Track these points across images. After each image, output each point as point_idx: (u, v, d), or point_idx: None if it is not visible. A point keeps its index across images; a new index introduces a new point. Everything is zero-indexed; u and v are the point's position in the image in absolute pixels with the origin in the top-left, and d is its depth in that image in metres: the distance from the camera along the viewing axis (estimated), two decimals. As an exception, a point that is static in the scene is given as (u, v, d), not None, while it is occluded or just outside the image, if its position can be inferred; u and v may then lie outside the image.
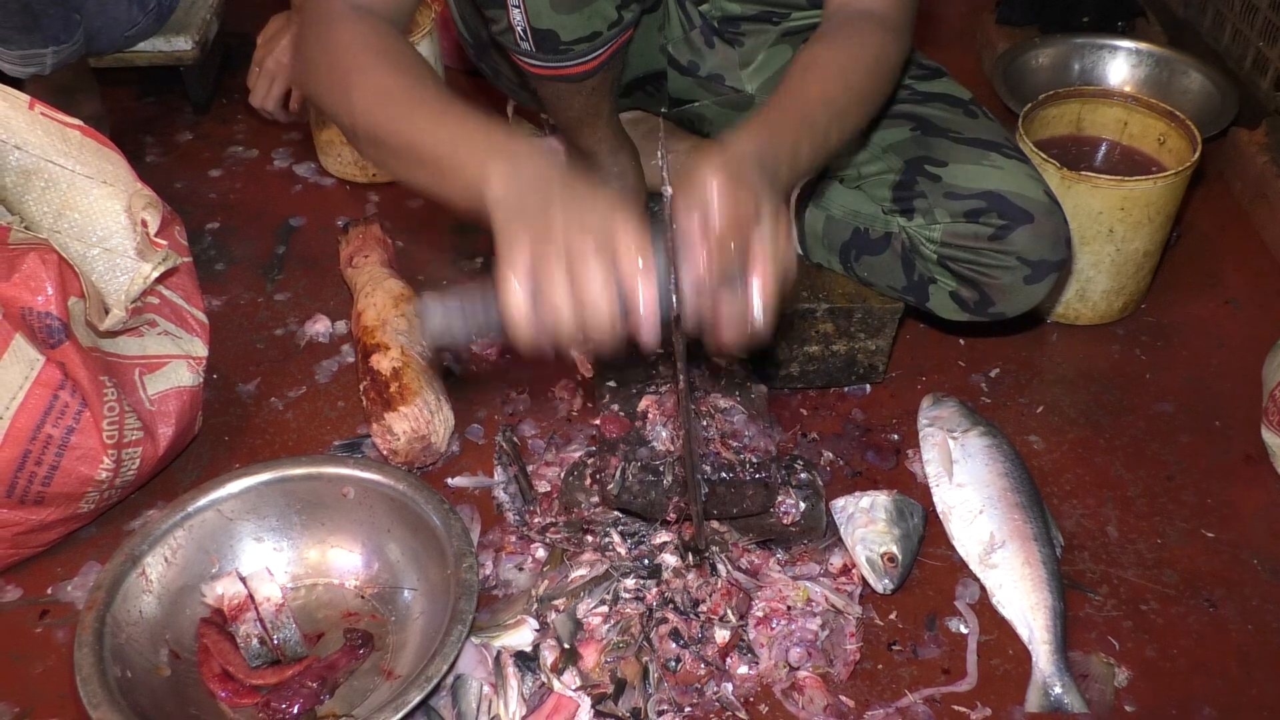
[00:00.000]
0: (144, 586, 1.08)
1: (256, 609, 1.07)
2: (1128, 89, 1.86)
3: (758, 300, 0.82)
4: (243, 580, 1.11)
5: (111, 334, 1.19)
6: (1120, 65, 1.91)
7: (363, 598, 1.15)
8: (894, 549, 1.15)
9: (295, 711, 1.04)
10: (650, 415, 1.17)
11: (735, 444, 1.14)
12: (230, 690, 1.05)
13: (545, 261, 0.79)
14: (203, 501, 1.15)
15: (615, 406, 1.19)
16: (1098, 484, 1.30)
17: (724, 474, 1.12)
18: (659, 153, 0.80)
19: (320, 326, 1.51)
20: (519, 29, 1.16)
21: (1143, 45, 1.90)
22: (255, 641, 1.06)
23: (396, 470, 1.18)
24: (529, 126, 1.70)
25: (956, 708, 1.08)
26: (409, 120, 0.94)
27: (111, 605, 1.04)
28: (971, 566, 1.19)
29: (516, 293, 0.79)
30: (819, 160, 0.99)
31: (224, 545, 1.15)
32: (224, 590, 1.08)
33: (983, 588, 1.17)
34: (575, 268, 0.78)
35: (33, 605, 1.18)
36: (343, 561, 1.17)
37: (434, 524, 1.13)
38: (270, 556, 1.16)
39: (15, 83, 1.61)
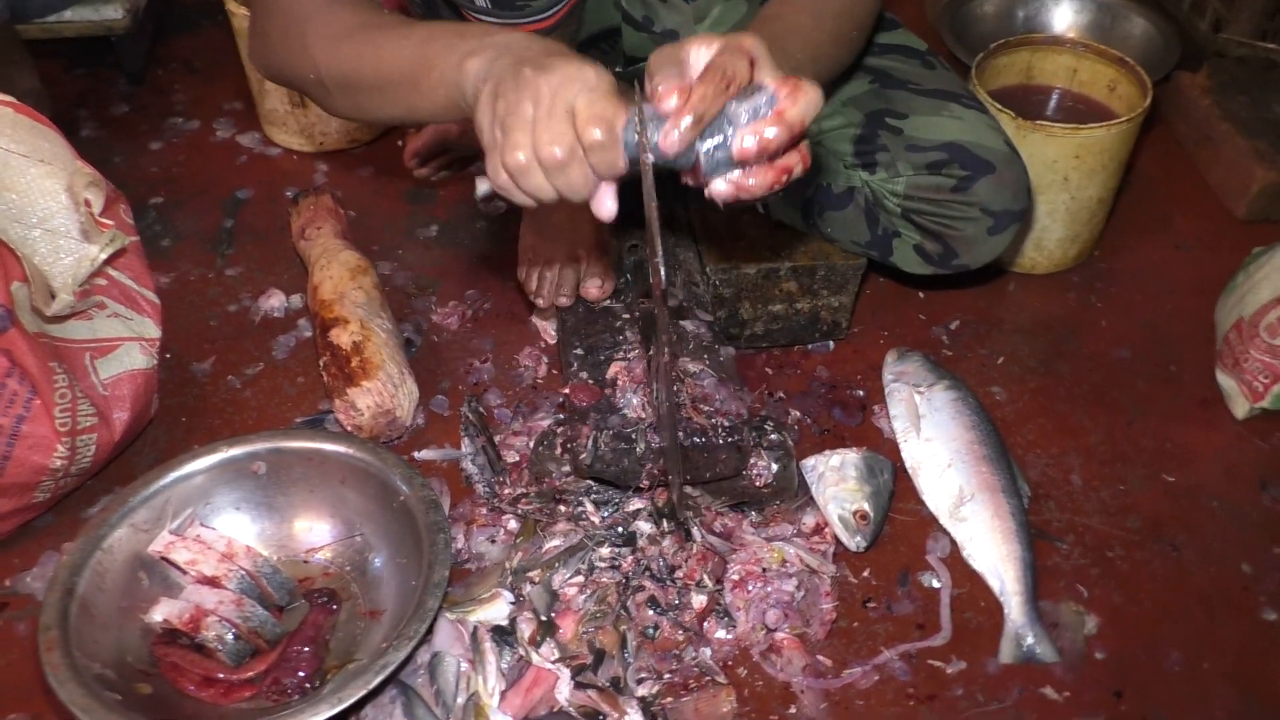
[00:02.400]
0: (87, 617, 1.01)
1: (216, 613, 1.02)
2: (1072, 35, 1.84)
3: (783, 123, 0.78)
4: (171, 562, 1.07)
5: (59, 319, 1.14)
6: (1064, 12, 1.89)
7: (307, 562, 1.12)
8: (865, 506, 1.14)
9: (302, 677, 1.01)
10: (620, 382, 1.15)
11: (707, 408, 1.12)
12: (219, 691, 1.00)
13: (513, 118, 0.78)
14: (116, 516, 1.07)
15: (584, 374, 1.16)
16: (1060, 432, 1.30)
17: (696, 439, 1.10)
18: (633, 113, 0.77)
19: (275, 301, 1.46)
20: None
21: (1086, -9, 1.88)
22: (230, 638, 1.02)
23: (363, 442, 1.14)
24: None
25: (932, 662, 1.07)
26: (373, 46, 0.93)
27: (69, 643, 0.97)
28: (941, 521, 1.18)
29: (495, 167, 0.81)
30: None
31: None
32: (165, 613, 1.03)
33: (953, 541, 1.17)
34: (539, 129, 0.78)
35: (-9, 600, 1.13)
36: (304, 536, 1.14)
37: (404, 493, 1.09)
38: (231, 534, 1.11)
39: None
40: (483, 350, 1.39)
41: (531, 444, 1.20)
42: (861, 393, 1.34)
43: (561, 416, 1.22)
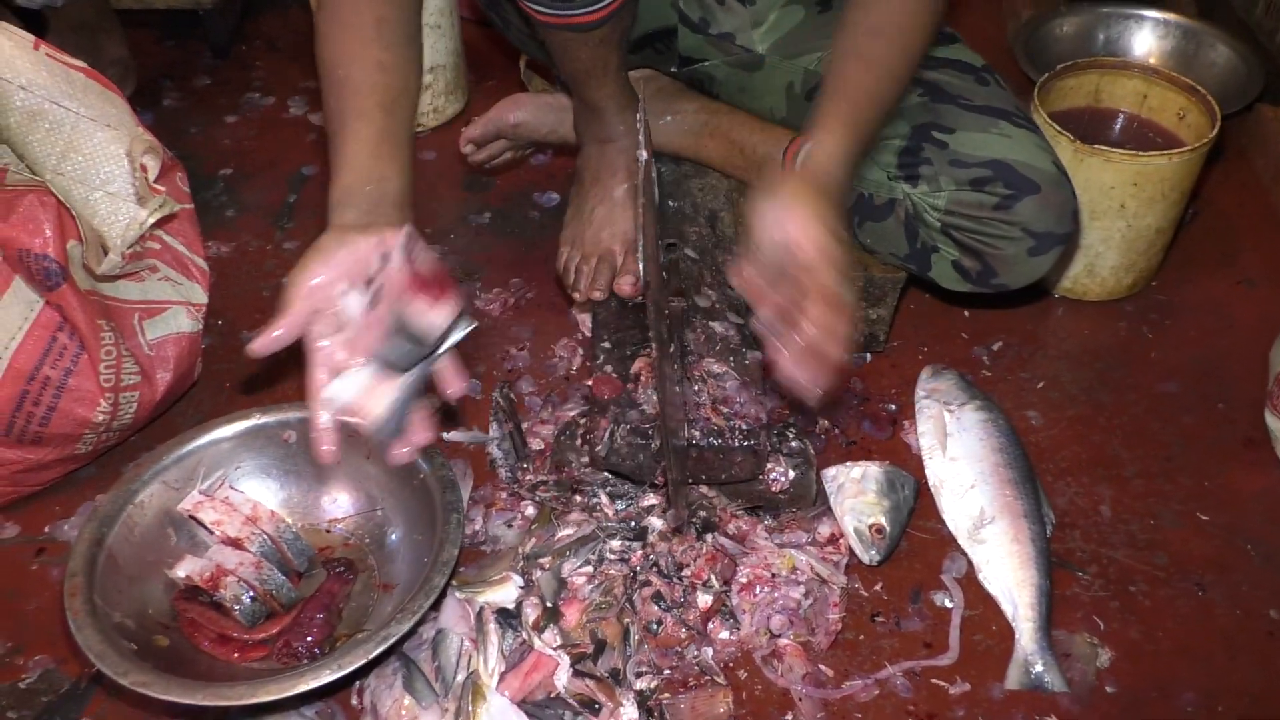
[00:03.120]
0: (113, 567, 1.05)
1: (235, 573, 1.05)
2: (1152, 60, 1.80)
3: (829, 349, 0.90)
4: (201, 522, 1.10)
5: (110, 278, 1.18)
6: (1146, 36, 1.84)
7: (329, 532, 1.15)
8: (882, 520, 1.13)
9: (311, 641, 1.04)
10: (643, 378, 1.15)
11: (726, 410, 1.12)
12: (234, 649, 1.03)
13: None
14: (148, 473, 1.11)
15: (609, 368, 1.17)
16: (1094, 462, 1.27)
17: (713, 439, 1.10)
18: (639, 116, 0.77)
19: (326, 276, 1.49)
20: None
21: (1169, 16, 1.83)
22: (247, 599, 1.05)
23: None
24: (540, 81, 1.66)
25: (936, 681, 1.06)
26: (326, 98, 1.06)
27: (92, 590, 1.01)
28: (960, 541, 1.17)
29: None
30: (879, 133, 1.07)
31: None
32: (188, 570, 1.06)
33: (970, 563, 1.15)
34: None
35: (30, 543, 1.18)
36: (328, 506, 1.17)
37: (424, 471, 1.11)
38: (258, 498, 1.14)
39: (37, 21, 1.60)
40: (521, 338, 1.41)
41: (556, 434, 1.22)
42: (894, 407, 1.33)
43: (586, 409, 1.23)
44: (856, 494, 1.16)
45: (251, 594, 1.05)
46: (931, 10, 1.09)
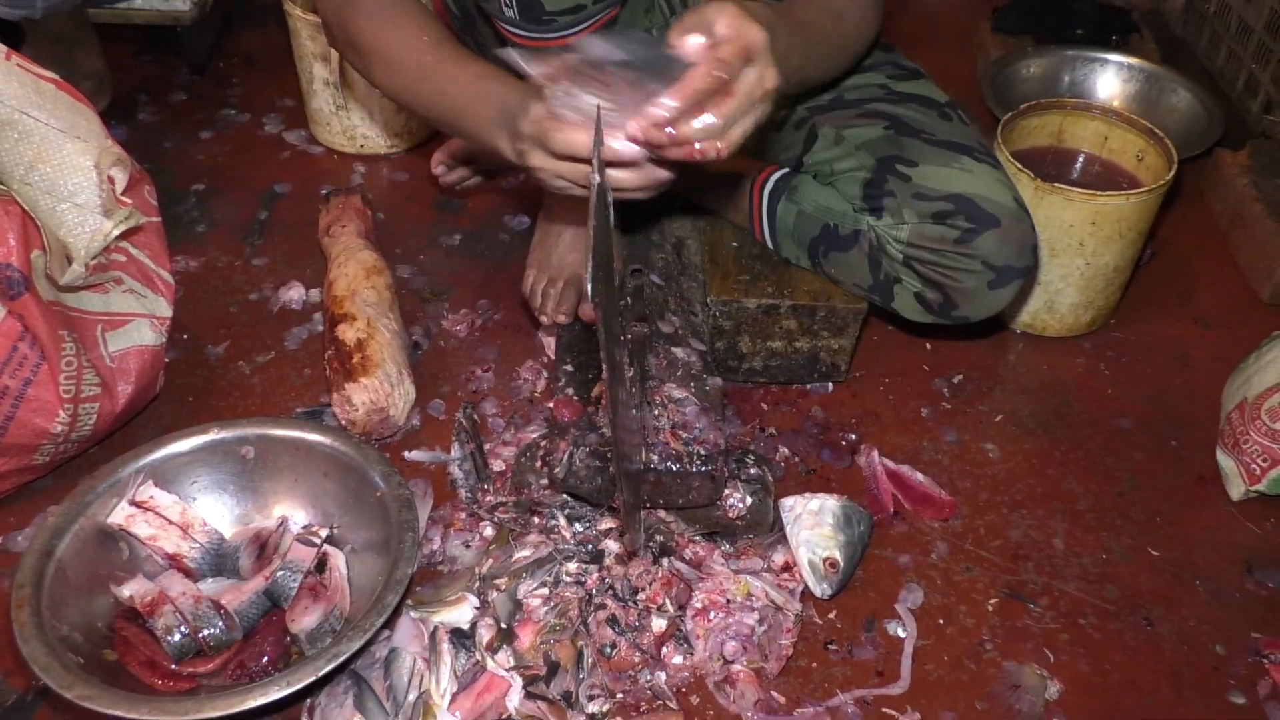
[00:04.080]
0: (63, 580, 1.03)
1: (174, 604, 1.04)
2: (1116, 104, 1.83)
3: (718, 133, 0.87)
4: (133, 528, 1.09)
5: (73, 289, 1.17)
6: (1110, 79, 1.87)
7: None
8: (836, 555, 1.13)
9: (266, 661, 1.04)
10: (604, 401, 1.15)
11: (685, 435, 1.12)
12: (159, 676, 1.01)
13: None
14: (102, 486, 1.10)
15: (570, 391, 1.17)
16: (1049, 495, 1.28)
17: (671, 464, 1.10)
18: (594, 139, 0.78)
19: (294, 293, 1.49)
20: None
21: (1133, 60, 1.86)
22: (178, 635, 1.03)
23: (349, 437, 1.15)
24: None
25: (887, 710, 1.06)
26: (415, 95, 1.11)
27: (40, 603, 0.99)
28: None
29: None
30: (790, 82, 1.03)
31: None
32: (132, 590, 1.05)
33: (926, 594, 1.15)
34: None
35: (-18, 553, 1.16)
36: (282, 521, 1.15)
37: (380, 490, 1.10)
38: (205, 516, 1.13)
39: (14, 32, 1.60)
40: (486, 359, 1.41)
41: (516, 455, 1.22)
42: (854, 436, 1.33)
43: (546, 430, 1.23)
44: (813, 526, 1.16)
45: (185, 629, 1.03)
46: (863, 12, 1.19)
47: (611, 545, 1.12)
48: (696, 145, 0.86)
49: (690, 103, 0.86)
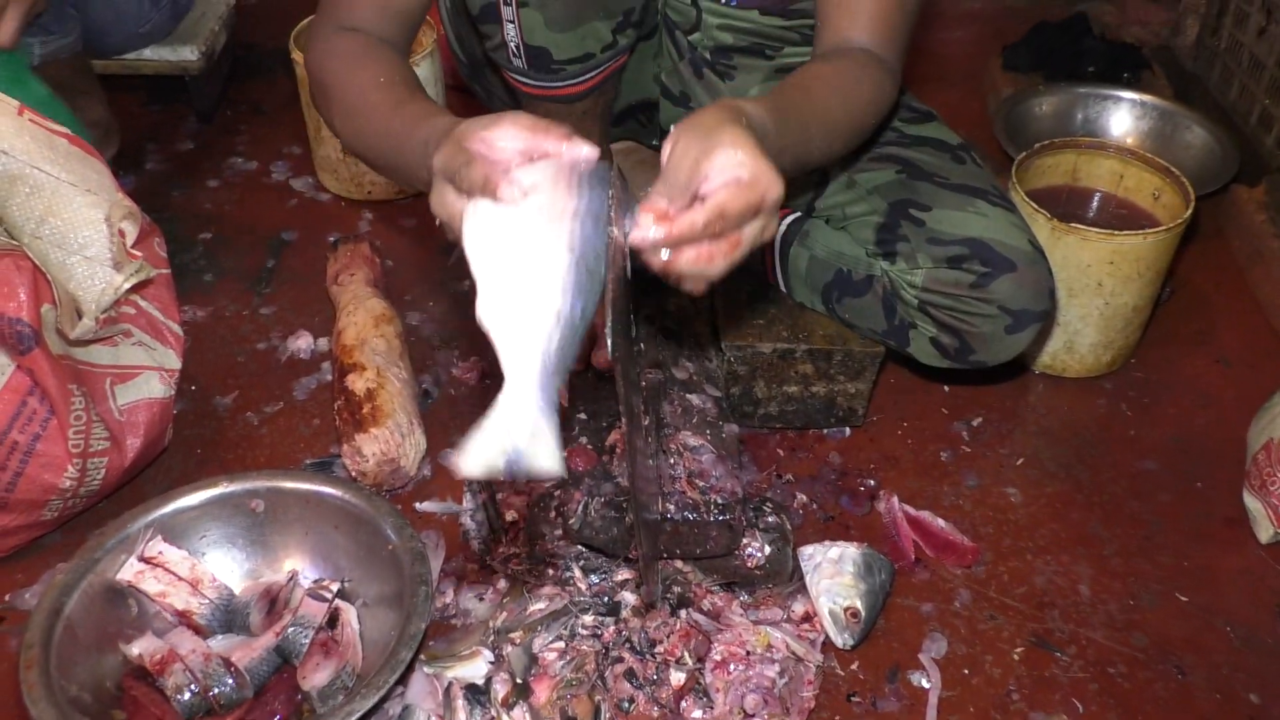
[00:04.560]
0: (71, 638, 1.03)
1: (184, 662, 1.04)
2: (1130, 141, 1.84)
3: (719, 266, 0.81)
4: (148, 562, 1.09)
5: (83, 342, 1.18)
6: (1123, 117, 1.89)
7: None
8: (858, 604, 1.13)
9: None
10: (619, 450, 1.16)
11: (701, 483, 1.12)
12: None
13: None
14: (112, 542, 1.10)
15: (584, 440, 1.17)
16: (1073, 540, 1.27)
17: (688, 514, 1.10)
18: (609, 193, 0.79)
19: (303, 342, 1.50)
20: (512, 45, 1.16)
21: (1146, 97, 1.88)
22: (188, 693, 1.03)
23: (360, 489, 1.16)
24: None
25: (912, 765, 1.05)
26: (363, 137, 1.02)
27: (49, 662, 0.99)
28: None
29: None
30: (794, 167, 0.98)
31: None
32: (142, 649, 1.05)
33: (950, 643, 1.15)
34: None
35: (-11, 612, 1.17)
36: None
37: (392, 542, 1.11)
38: (215, 571, 1.14)
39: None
40: (498, 407, 1.41)
41: (530, 505, 1.22)
42: (873, 481, 1.33)
43: (560, 480, 1.23)
44: (833, 575, 1.16)
45: (194, 687, 1.03)
46: (877, 82, 1.08)
47: (628, 597, 1.12)
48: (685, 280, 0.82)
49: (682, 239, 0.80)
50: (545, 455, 0.70)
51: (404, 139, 0.95)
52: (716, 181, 0.79)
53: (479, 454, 0.70)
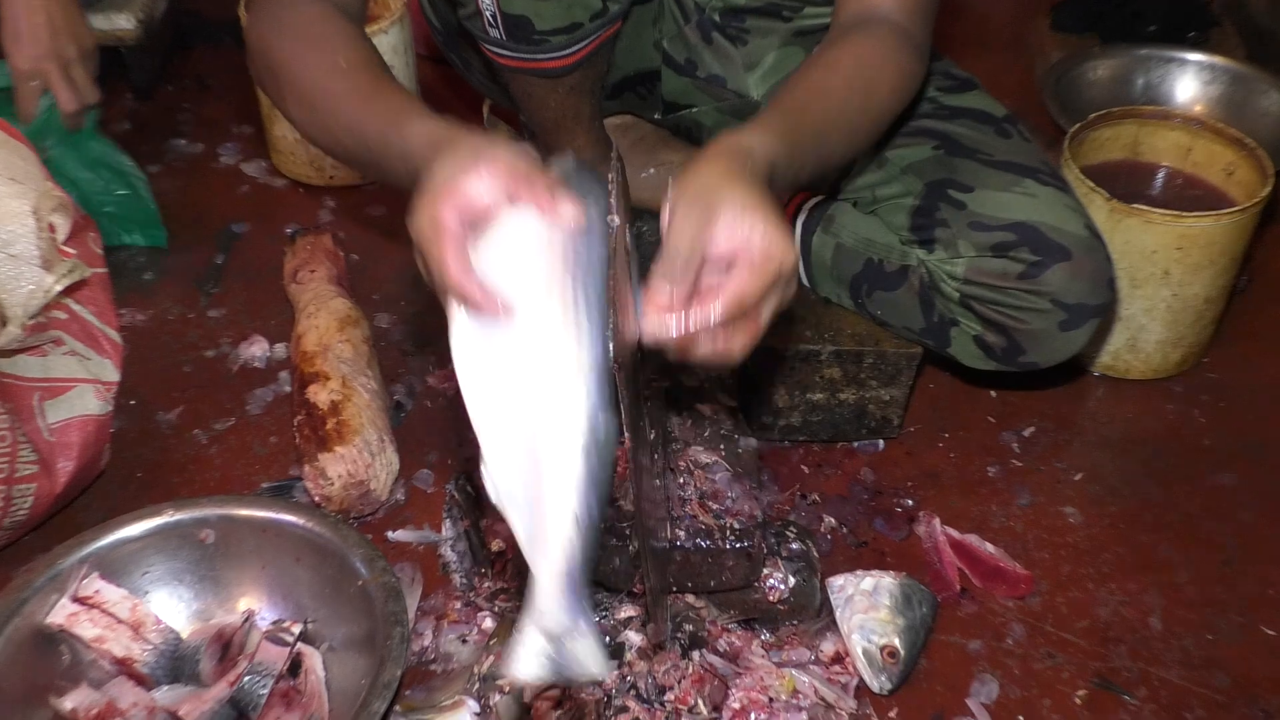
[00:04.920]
0: None
1: (124, 717, 1.03)
2: (1197, 109, 1.84)
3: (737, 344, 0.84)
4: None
5: (8, 352, 1.18)
6: (1189, 82, 1.89)
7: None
8: (895, 642, 1.13)
9: None
10: (620, 468, 1.15)
11: (715, 506, 1.12)
12: None
13: None
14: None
15: (580, 457, 1.17)
16: (1141, 566, 1.27)
17: (700, 541, 1.10)
18: (610, 176, 0.79)
19: (257, 349, 1.50)
20: (488, 13, 1.16)
21: (1216, 59, 1.88)
22: None
23: (325, 516, 1.16)
24: (506, 129, 1.69)
25: (961, 826, 1.05)
26: (328, 133, 1.02)
27: None
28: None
29: None
30: (814, 179, 1.00)
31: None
32: (76, 703, 1.04)
33: (1001, 685, 1.14)
34: None
35: (-99, 660, 1.16)
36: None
37: (363, 577, 1.10)
38: (160, 611, 1.13)
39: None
40: (481, 421, 1.41)
41: (519, 532, 1.22)
42: (911, 502, 1.33)
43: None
44: (867, 609, 1.16)
45: None
46: (902, 68, 1.09)
47: (633, 637, 1.12)
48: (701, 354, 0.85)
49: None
50: (589, 658, 0.75)
51: (379, 145, 0.96)
52: (723, 249, 0.81)
53: (524, 659, 0.74)
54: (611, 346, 0.77)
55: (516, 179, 0.80)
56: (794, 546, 1.17)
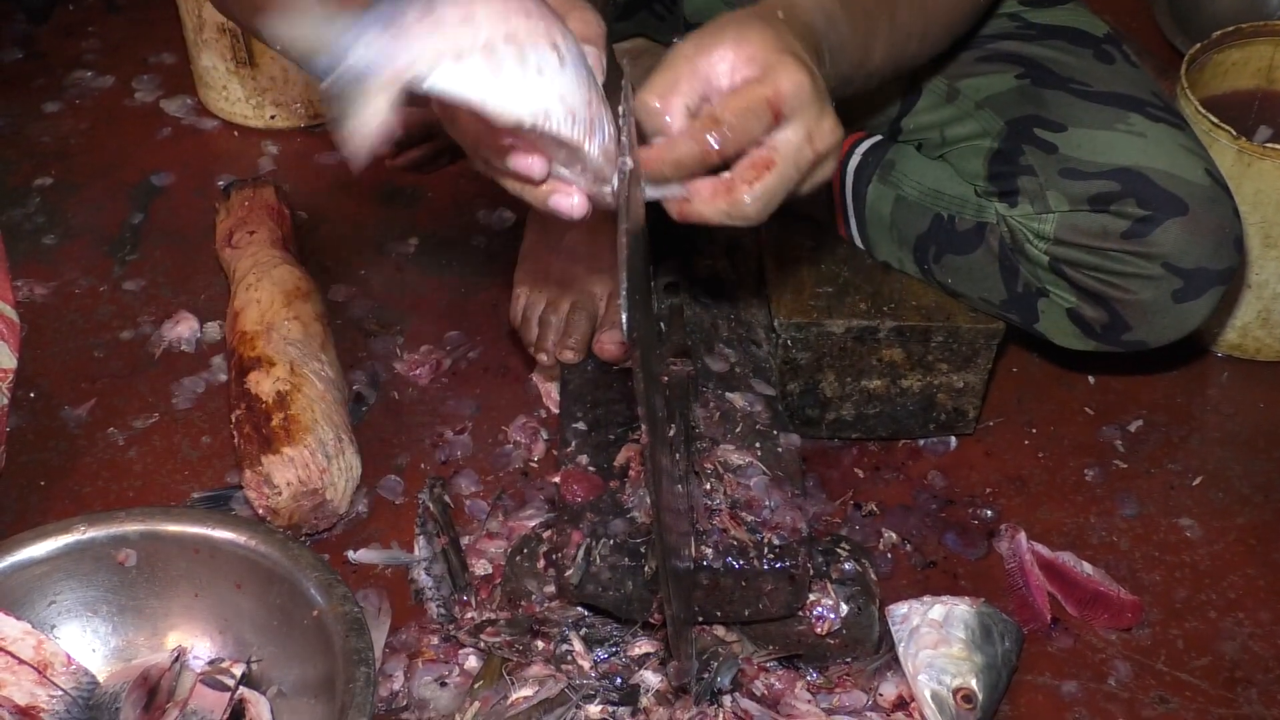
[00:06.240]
0: None
1: None
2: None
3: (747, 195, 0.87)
4: None
5: (-119, 333, 1.20)
6: (1342, -9, 1.90)
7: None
8: (972, 684, 1.14)
9: None
10: (632, 473, 1.17)
11: (750, 518, 1.14)
12: None
13: None
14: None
15: (583, 459, 1.19)
16: (1275, 591, 1.29)
17: (732, 560, 1.12)
18: (621, 108, 0.80)
19: (183, 329, 1.52)
20: None
21: (1372, -37, 1.89)
22: None
23: (271, 533, 1.17)
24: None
25: None
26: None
27: None
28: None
29: None
30: (889, 70, 1.04)
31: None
32: None
33: (1098, 735, 1.16)
34: None
35: None
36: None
37: (318, 606, 1.12)
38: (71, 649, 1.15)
39: None
40: (460, 416, 1.43)
41: (509, 552, 1.24)
42: (990, 512, 1.35)
43: (551, 516, 1.25)
44: (936, 643, 1.17)
45: None
46: None
47: (650, 678, 1.14)
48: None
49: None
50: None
51: None
52: (719, 83, 0.86)
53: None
54: (624, 319, 0.79)
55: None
56: (846, 567, 1.19)
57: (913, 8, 1.07)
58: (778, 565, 1.12)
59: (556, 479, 1.18)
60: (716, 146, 0.85)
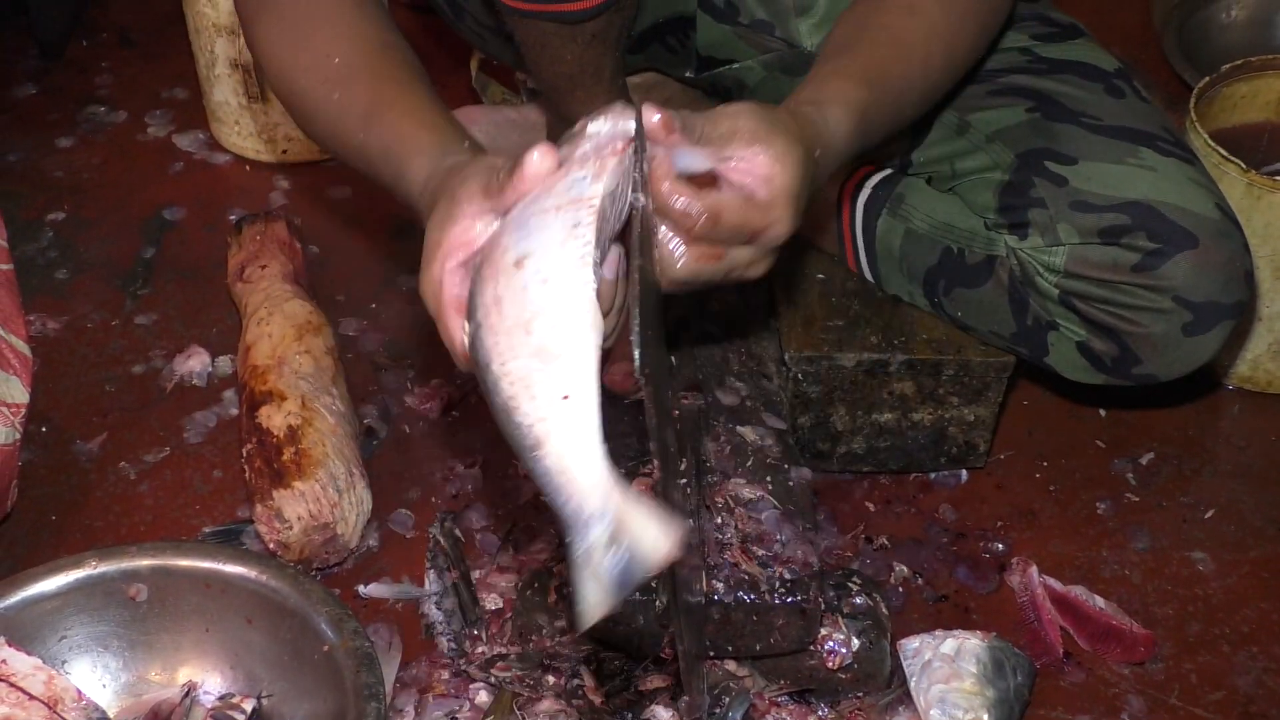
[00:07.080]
0: None
1: None
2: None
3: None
4: None
5: (-106, 368, 1.21)
6: (1348, 24, 1.90)
7: None
8: (984, 718, 1.14)
9: None
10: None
11: (761, 552, 1.14)
12: None
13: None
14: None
15: (594, 493, 1.19)
16: (1290, 626, 1.29)
17: (744, 594, 1.12)
18: (634, 145, 0.81)
19: (195, 364, 1.52)
20: None
21: (1381, -4, 1.89)
22: None
23: (282, 567, 1.17)
24: (498, 88, 1.71)
25: None
26: (336, 152, 1.12)
27: None
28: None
29: None
30: (885, 139, 1.05)
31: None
32: None
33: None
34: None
35: None
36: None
37: (329, 641, 1.12)
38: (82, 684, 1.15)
39: None
40: (471, 450, 1.43)
41: (519, 586, 1.24)
42: (1001, 546, 1.35)
43: (562, 550, 1.24)
44: (948, 677, 1.17)
45: None
46: (994, 7, 1.15)
47: (661, 713, 1.13)
48: None
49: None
50: (650, 527, 0.72)
51: (390, 183, 1.04)
52: (731, 165, 0.87)
53: (589, 589, 0.73)
54: (636, 354, 0.79)
55: (493, 194, 0.85)
56: (858, 601, 1.19)
57: (922, 95, 1.11)
58: (789, 599, 1.12)
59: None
60: (697, 229, 0.87)
